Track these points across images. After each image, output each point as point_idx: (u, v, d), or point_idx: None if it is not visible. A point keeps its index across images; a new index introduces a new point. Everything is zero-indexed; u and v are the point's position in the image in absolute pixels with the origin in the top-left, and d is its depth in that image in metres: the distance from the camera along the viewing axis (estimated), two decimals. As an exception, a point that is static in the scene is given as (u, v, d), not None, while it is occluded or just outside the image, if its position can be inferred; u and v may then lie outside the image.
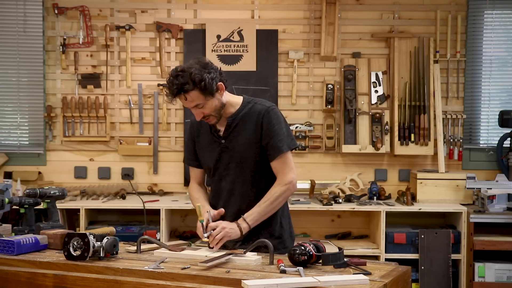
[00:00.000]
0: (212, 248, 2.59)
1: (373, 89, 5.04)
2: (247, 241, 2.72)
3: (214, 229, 2.62)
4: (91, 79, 5.10)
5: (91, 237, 2.43)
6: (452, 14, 5.07)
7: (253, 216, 2.69)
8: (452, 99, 5.12)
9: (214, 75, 2.64)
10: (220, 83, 2.69)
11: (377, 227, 4.68)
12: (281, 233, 2.85)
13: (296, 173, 2.77)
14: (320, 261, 2.37)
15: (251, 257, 2.46)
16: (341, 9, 5.06)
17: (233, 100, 2.80)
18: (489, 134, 5.19)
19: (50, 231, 2.73)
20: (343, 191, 4.97)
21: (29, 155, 5.16)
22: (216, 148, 2.81)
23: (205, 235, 2.62)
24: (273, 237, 2.78)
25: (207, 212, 2.71)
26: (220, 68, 2.73)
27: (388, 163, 5.14)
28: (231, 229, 2.63)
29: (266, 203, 2.70)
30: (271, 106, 2.78)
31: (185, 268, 2.31)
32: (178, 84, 2.60)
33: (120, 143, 5.09)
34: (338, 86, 5.06)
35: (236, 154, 2.77)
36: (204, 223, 2.65)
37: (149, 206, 4.57)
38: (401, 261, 3.11)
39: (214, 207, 2.84)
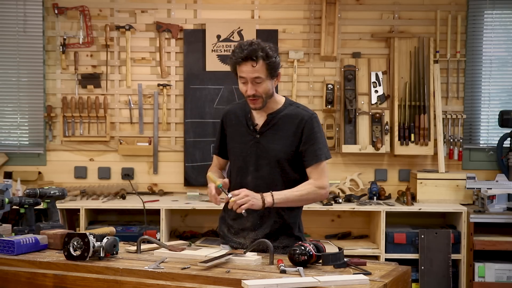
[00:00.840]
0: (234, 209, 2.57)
1: (373, 89, 5.04)
2: (267, 238, 2.66)
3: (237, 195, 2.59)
4: (91, 79, 5.10)
5: (91, 237, 2.43)
6: (452, 14, 5.07)
7: (281, 196, 2.65)
8: (452, 99, 5.12)
9: (279, 60, 2.72)
10: (279, 71, 2.74)
11: (377, 227, 4.68)
12: (299, 236, 2.85)
13: (328, 183, 2.80)
14: (320, 261, 2.37)
15: (251, 257, 2.46)
16: (341, 9, 5.07)
17: (277, 98, 2.80)
18: (489, 134, 5.19)
19: (50, 231, 2.73)
20: (343, 191, 4.97)
21: (29, 155, 5.16)
22: (249, 142, 2.78)
23: (229, 195, 2.61)
24: (292, 238, 2.79)
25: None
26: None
27: (388, 163, 5.14)
28: (254, 198, 2.60)
29: (297, 192, 2.68)
30: (314, 113, 2.78)
31: (185, 268, 2.31)
32: (252, 49, 2.61)
33: (120, 143, 5.09)
34: (338, 86, 5.06)
35: (269, 152, 2.74)
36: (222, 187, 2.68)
37: (149, 206, 4.57)
38: (401, 261, 3.11)
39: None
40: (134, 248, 2.66)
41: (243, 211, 2.58)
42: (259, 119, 2.78)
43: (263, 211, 2.72)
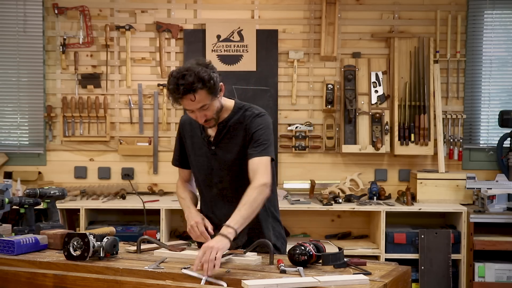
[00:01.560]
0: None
1: (373, 89, 5.04)
2: (246, 246, 2.64)
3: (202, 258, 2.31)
4: (91, 79, 5.10)
5: (91, 237, 2.43)
6: (452, 14, 5.07)
7: (236, 220, 2.45)
8: (452, 99, 5.12)
9: (217, 74, 2.57)
10: (221, 83, 2.61)
11: (377, 227, 4.68)
12: (280, 232, 2.84)
13: (270, 178, 2.62)
14: (320, 261, 2.37)
15: (251, 257, 2.46)
16: (341, 9, 5.07)
17: (227, 104, 2.71)
18: (489, 134, 5.19)
19: (50, 231, 2.73)
20: (343, 191, 4.97)
21: (29, 155, 5.16)
22: (206, 154, 2.74)
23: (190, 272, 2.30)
24: (276, 237, 2.78)
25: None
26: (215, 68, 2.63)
27: (388, 163, 5.14)
28: (219, 242, 2.33)
29: (245, 206, 2.49)
30: (261, 112, 2.69)
31: (185, 268, 2.31)
32: (187, 83, 2.47)
33: (120, 143, 5.09)
34: (338, 86, 5.06)
35: (226, 162, 2.69)
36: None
37: (149, 206, 4.57)
38: (401, 261, 3.11)
39: (207, 214, 2.79)
40: (134, 248, 2.66)
41: (224, 255, 2.38)
42: (211, 130, 2.72)
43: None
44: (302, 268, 2.28)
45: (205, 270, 2.22)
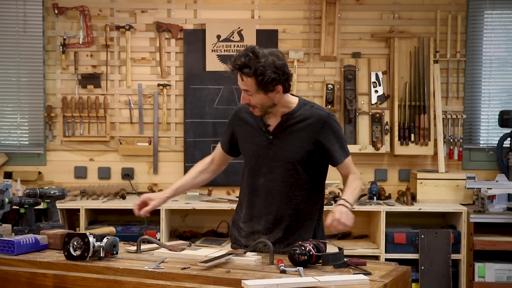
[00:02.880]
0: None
1: (373, 89, 5.04)
2: (278, 243, 2.69)
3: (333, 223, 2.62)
4: (91, 79, 5.10)
5: (91, 237, 2.43)
6: (452, 14, 5.07)
7: (352, 199, 2.76)
8: (452, 99, 5.12)
9: (278, 77, 2.56)
10: (280, 86, 2.59)
11: (377, 227, 4.68)
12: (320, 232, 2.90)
13: None
14: (320, 261, 2.37)
15: (251, 257, 2.46)
16: (341, 9, 5.07)
17: (288, 100, 2.69)
18: (489, 134, 5.19)
19: (50, 231, 2.73)
20: (343, 191, 4.96)
21: (29, 155, 5.16)
22: (261, 142, 2.71)
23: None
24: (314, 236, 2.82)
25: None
26: (292, 74, 2.65)
27: (388, 163, 5.14)
28: (348, 216, 2.69)
29: (356, 191, 2.77)
30: (331, 112, 2.73)
31: (185, 268, 2.31)
32: (242, 63, 2.58)
33: (120, 143, 5.09)
34: (338, 86, 5.06)
35: (283, 153, 2.68)
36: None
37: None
38: (401, 261, 3.11)
39: (250, 205, 2.75)
40: (134, 248, 2.66)
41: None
42: (272, 119, 2.70)
43: (275, 216, 2.69)
44: (302, 268, 2.28)
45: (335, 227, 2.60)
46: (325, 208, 4.57)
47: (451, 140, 5.07)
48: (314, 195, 2.78)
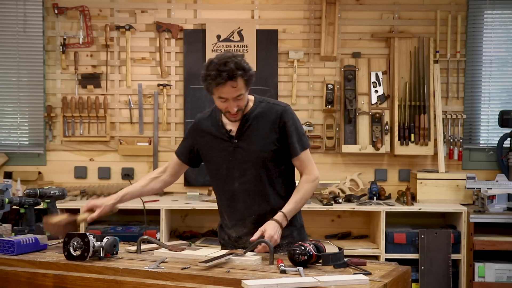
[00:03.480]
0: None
1: (373, 89, 5.04)
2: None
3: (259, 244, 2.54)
4: (91, 79, 5.10)
5: (91, 237, 2.43)
6: (452, 14, 5.07)
7: (289, 209, 2.67)
8: (452, 99, 5.12)
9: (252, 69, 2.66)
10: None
11: (377, 227, 4.68)
12: (301, 224, 2.89)
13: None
14: (320, 261, 2.37)
15: (251, 257, 2.46)
16: (341, 9, 5.07)
17: (249, 98, 2.77)
18: (489, 134, 5.19)
19: (54, 218, 2.72)
20: (343, 191, 4.97)
21: (29, 155, 5.16)
22: (227, 148, 2.75)
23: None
24: (295, 228, 2.82)
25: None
26: None
27: (388, 163, 5.14)
28: (275, 231, 2.58)
29: (302, 199, 2.71)
30: (287, 105, 2.77)
31: (185, 268, 2.31)
32: (230, 69, 2.54)
33: (120, 143, 5.09)
34: (338, 86, 5.06)
35: (251, 154, 2.71)
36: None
37: (149, 206, 4.57)
38: (401, 261, 3.11)
39: (228, 210, 2.79)
40: (134, 248, 2.66)
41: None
42: (231, 124, 2.74)
43: (257, 217, 2.73)
44: (302, 268, 2.28)
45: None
46: (325, 208, 4.62)
47: (451, 140, 5.07)
48: (289, 188, 2.80)
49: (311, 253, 2.34)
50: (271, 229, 2.58)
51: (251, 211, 2.75)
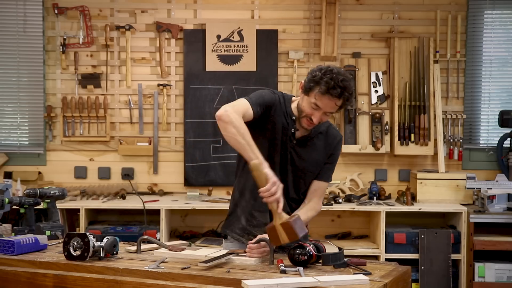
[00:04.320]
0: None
1: (373, 89, 5.04)
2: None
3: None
4: (91, 79, 5.10)
5: (91, 237, 2.43)
6: (452, 14, 5.07)
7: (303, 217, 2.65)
8: (452, 99, 5.12)
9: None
10: None
11: (377, 227, 4.68)
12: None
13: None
14: (320, 261, 2.37)
15: (251, 257, 2.46)
16: (341, 9, 5.07)
17: None
18: (489, 134, 5.19)
19: None
20: (343, 191, 4.97)
21: (29, 155, 5.16)
22: (283, 143, 2.71)
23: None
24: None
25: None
26: None
27: (388, 163, 5.14)
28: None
29: (307, 218, 2.73)
30: (342, 136, 2.87)
31: (185, 268, 2.31)
32: (346, 88, 2.54)
33: (120, 143, 5.09)
34: (338, 86, 5.05)
35: (300, 162, 2.74)
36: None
37: (149, 206, 4.57)
38: (401, 261, 3.11)
39: (248, 200, 2.76)
40: (134, 248, 2.66)
41: None
42: (299, 127, 2.73)
43: (285, 210, 2.60)
44: (302, 268, 2.28)
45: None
46: (325, 208, 4.62)
47: (451, 140, 5.07)
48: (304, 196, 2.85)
49: (311, 253, 2.34)
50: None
51: (267, 207, 2.62)
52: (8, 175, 5.00)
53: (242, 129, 2.47)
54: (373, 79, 5.05)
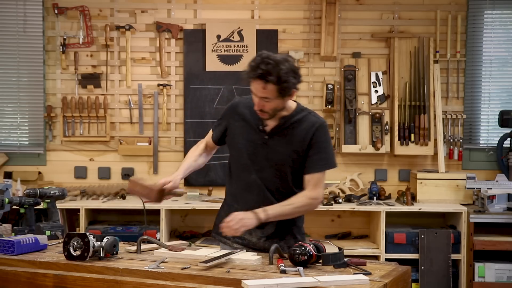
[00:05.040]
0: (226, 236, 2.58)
1: (373, 89, 5.04)
2: (271, 238, 2.73)
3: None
4: (91, 79, 5.10)
5: (91, 237, 2.43)
6: (452, 14, 5.07)
7: (274, 211, 2.64)
8: (452, 99, 5.12)
9: (297, 82, 2.63)
10: (295, 90, 2.65)
11: (377, 227, 4.68)
12: (299, 238, 2.85)
13: (323, 193, 2.80)
14: (320, 261, 2.37)
15: (251, 257, 2.46)
16: (341, 9, 5.06)
17: (289, 105, 2.75)
18: (489, 134, 5.19)
19: (144, 181, 2.79)
20: (343, 191, 4.97)
21: (29, 155, 5.16)
22: (256, 140, 2.75)
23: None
24: (297, 238, 2.80)
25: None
26: (301, 77, 2.69)
27: (388, 163, 5.14)
28: (247, 219, 2.59)
29: (289, 206, 2.67)
30: (325, 121, 2.78)
31: (185, 268, 2.31)
32: (265, 70, 2.54)
33: (120, 143, 5.09)
34: (338, 86, 5.06)
35: (276, 155, 2.72)
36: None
37: (149, 206, 4.52)
38: (401, 261, 3.11)
39: (244, 201, 2.78)
40: (134, 248, 2.66)
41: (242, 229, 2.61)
42: (270, 121, 2.74)
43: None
44: (302, 268, 2.28)
45: (224, 232, 2.58)
46: (325, 208, 4.62)
47: (451, 140, 5.07)
48: (299, 191, 2.78)
49: (311, 253, 2.34)
50: (242, 213, 2.61)
51: (262, 205, 2.70)
52: (8, 175, 5.00)
53: (187, 156, 2.94)
54: (373, 79, 5.05)
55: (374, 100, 5.04)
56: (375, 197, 4.83)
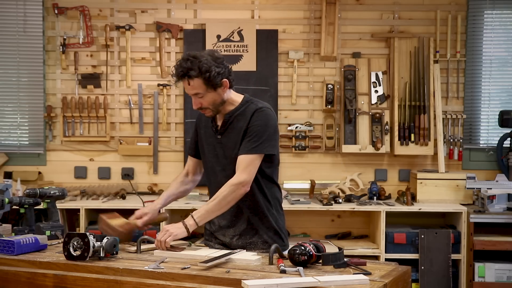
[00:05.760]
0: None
1: (373, 89, 5.04)
2: (245, 235, 2.79)
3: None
4: (91, 79, 5.10)
5: (91, 237, 2.43)
6: (452, 14, 5.07)
7: (200, 213, 2.68)
8: (452, 99, 5.12)
9: (222, 70, 2.69)
10: (225, 80, 2.71)
11: (377, 227, 4.68)
12: (277, 230, 2.84)
13: (252, 176, 2.70)
14: (320, 261, 2.37)
15: (251, 257, 2.46)
16: (341, 9, 5.07)
17: (234, 98, 2.81)
18: (489, 134, 5.19)
19: (112, 220, 2.84)
20: (343, 191, 4.97)
21: (29, 155, 5.16)
22: (213, 142, 2.84)
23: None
24: (271, 231, 2.81)
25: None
26: (231, 67, 2.76)
27: (388, 163, 5.14)
28: (176, 228, 2.65)
29: (214, 201, 2.70)
30: (263, 106, 2.77)
31: (185, 268, 2.32)
32: (185, 68, 2.67)
33: (120, 143, 5.09)
34: (338, 86, 5.06)
35: (229, 151, 2.78)
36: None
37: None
38: (401, 261, 3.11)
39: None
40: (134, 248, 2.66)
41: (185, 244, 2.70)
42: (220, 119, 2.82)
43: (235, 209, 2.76)
44: (302, 268, 2.28)
45: (158, 247, 2.61)
46: (325, 208, 4.62)
47: (451, 140, 5.07)
48: (267, 186, 2.82)
49: (311, 253, 2.34)
50: (170, 225, 2.70)
51: (237, 204, 2.75)
52: (8, 175, 5.00)
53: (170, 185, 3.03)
54: (373, 79, 5.05)
55: (374, 100, 5.04)
56: (375, 197, 4.83)
